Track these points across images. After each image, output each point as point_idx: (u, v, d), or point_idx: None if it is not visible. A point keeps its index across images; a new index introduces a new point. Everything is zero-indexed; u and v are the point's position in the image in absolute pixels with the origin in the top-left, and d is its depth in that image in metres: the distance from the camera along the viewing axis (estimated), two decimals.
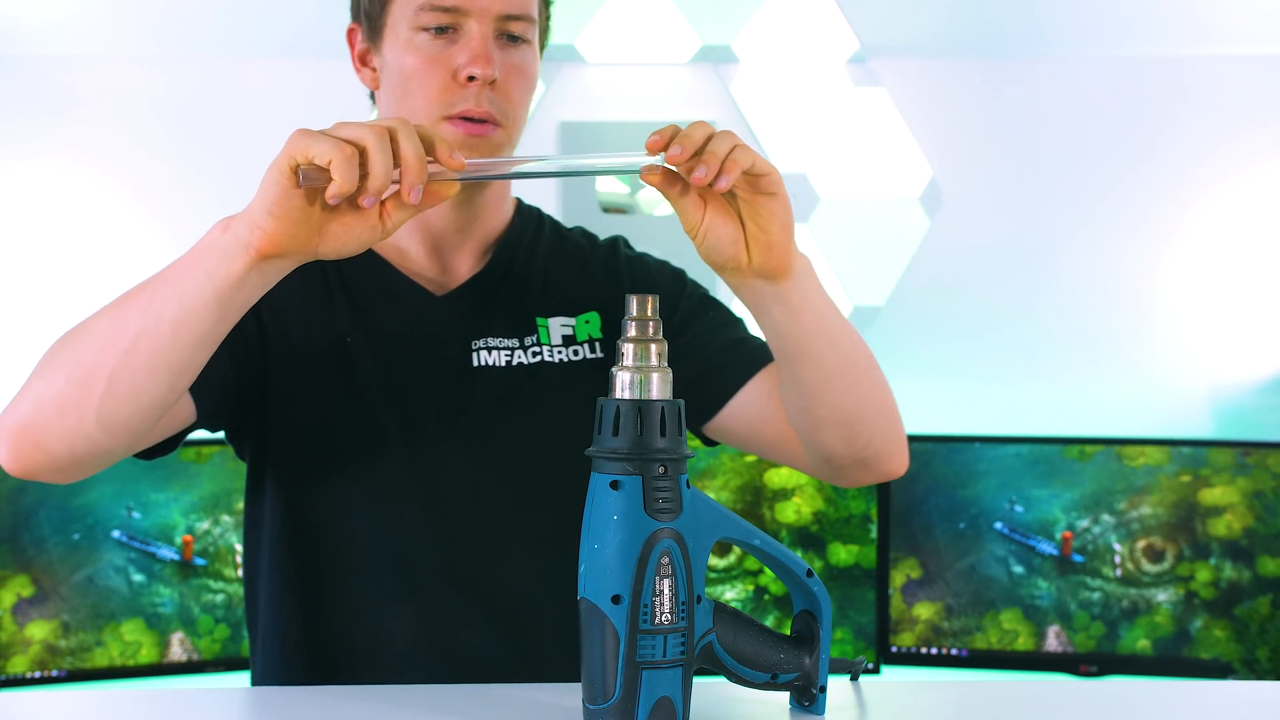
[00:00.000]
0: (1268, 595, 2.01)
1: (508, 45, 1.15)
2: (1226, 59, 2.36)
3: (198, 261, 0.95)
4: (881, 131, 2.41)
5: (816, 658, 0.91)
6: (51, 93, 2.30)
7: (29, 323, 2.30)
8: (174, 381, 0.98)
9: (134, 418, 0.99)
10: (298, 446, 1.19)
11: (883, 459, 1.14)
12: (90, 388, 0.97)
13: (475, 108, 1.13)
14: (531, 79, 1.18)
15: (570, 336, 1.23)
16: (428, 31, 1.13)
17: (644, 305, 0.85)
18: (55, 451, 1.00)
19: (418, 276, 1.22)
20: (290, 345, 1.18)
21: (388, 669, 1.16)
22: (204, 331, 0.96)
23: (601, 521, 0.82)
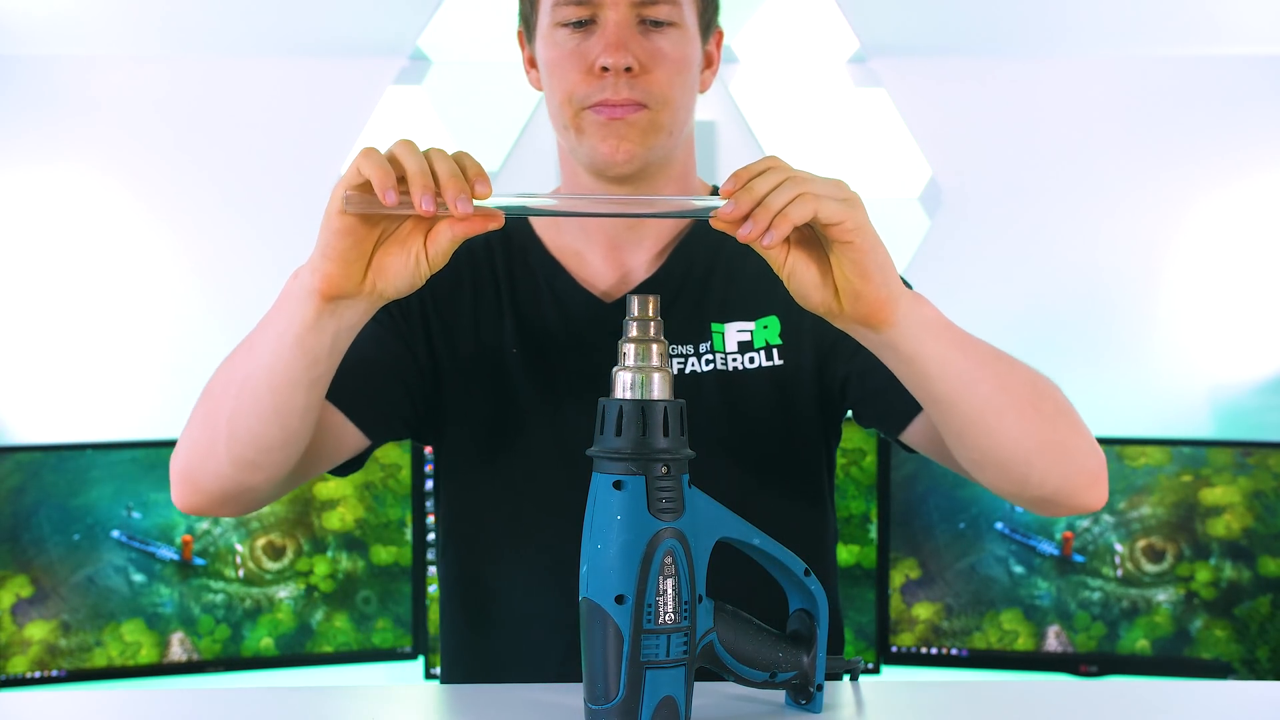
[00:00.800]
0: (1268, 595, 2.00)
1: (651, 30, 1.12)
2: (1227, 59, 2.36)
3: (280, 309, 0.98)
4: (881, 131, 2.41)
5: (814, 656, 0.91)
6: (52, 93, 2.29)
7: (29, 323, 2.30)
8: (284, 423, 1.01)
9: (260, 457, 1.03)
10: (465, 461, 1.21)
11: (1065, 496, 1.05)
12: (217, 432, 1.03)
13: (613, 96, 1.11)
14: (681, 61, 1.14)
15: (747, 343, 1.19)
16: (566, 26, 1.13)
17: (645, 305, 0.85)
18: (211, 491, 1.05)
19: (590, 282, 1.20)
20: (458, 362, 1.19)
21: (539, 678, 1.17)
22: (295, 376, 0.98)
23: (604, 522, 0.82)
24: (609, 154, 1.13)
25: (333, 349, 0.98)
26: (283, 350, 0.97)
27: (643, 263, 1.21)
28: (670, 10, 1.13)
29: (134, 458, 1.96)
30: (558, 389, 1.18)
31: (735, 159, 2.39)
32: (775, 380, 1.18)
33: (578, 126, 1.14)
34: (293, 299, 0.96)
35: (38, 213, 2.30)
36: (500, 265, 1.22)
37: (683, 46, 1.14)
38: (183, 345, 2.31)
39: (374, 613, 2.04)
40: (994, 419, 1.01)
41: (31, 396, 2.29)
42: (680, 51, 1.14)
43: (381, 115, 2.36)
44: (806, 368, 1.19)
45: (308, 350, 0.96)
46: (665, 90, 1.13)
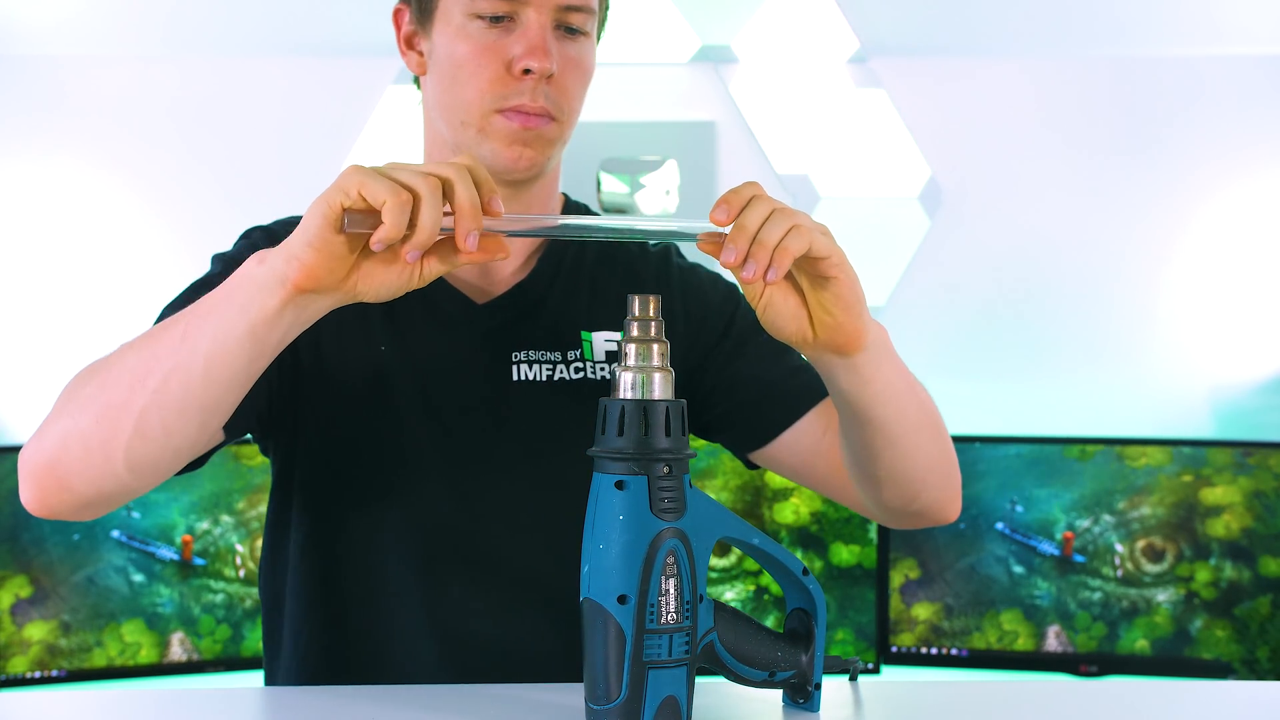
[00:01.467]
0: (1268, 595, 2.00)
1: (565, 37, 1.10)
2: (1227, 59, 2.36)
3: (232, 296, 0.89)
4: (881, 131, 2.41)
5: (812, 655, 0.92)
6: (53, 93, 2.30)
7: (29, 323, 2.30)
8: (205, 421, 0.94)
9: (163, 459, 0.95)
10: (328, 460, 1.14)
11: (934, 510, 1.12)
12: (119, 427, 0.92)
13: (530, 102, 1.08)
14: (588, 72, 1.14)
15: (614, 352, 1.18)
16: (483, 19, 1.08)
17: (645, 305, 0.85)
18: (81, 492, 0.95)
19: (460, 282, 1.17)
20: (323, 358, 1.14)
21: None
22: (238, 369, 0.91)
23: (606, 522, 0.82)
24: (511, 161, 1.10)
25: (280, 344, 0.91)
26: (230, 341, 0.89)
27: (511, 265, 1.19)
28: (586, 19, 1.11)
29: None
30: (428, 391, 1.14)
31: (735, 159, 2.39)
32: None
33: (482, 127, 1.10)
34: (253, 285, 0.88)
35: (38, 212, 2.30)
36: None
37: (590, 57, 1.14)
38: None
39: None
40: (914, 437, 1.05)
41: (31, 396, 2.29)
42: (589, 63, 1.14)
43: (381, 115, 2.36)
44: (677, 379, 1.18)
45: (259, 341, 0.89)
46: (572, 100, 1.12)
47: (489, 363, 1.15)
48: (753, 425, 1.18)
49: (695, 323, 1.21)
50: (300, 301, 0.88)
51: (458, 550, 1.13)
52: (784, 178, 2.40)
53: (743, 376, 1.17)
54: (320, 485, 1.15)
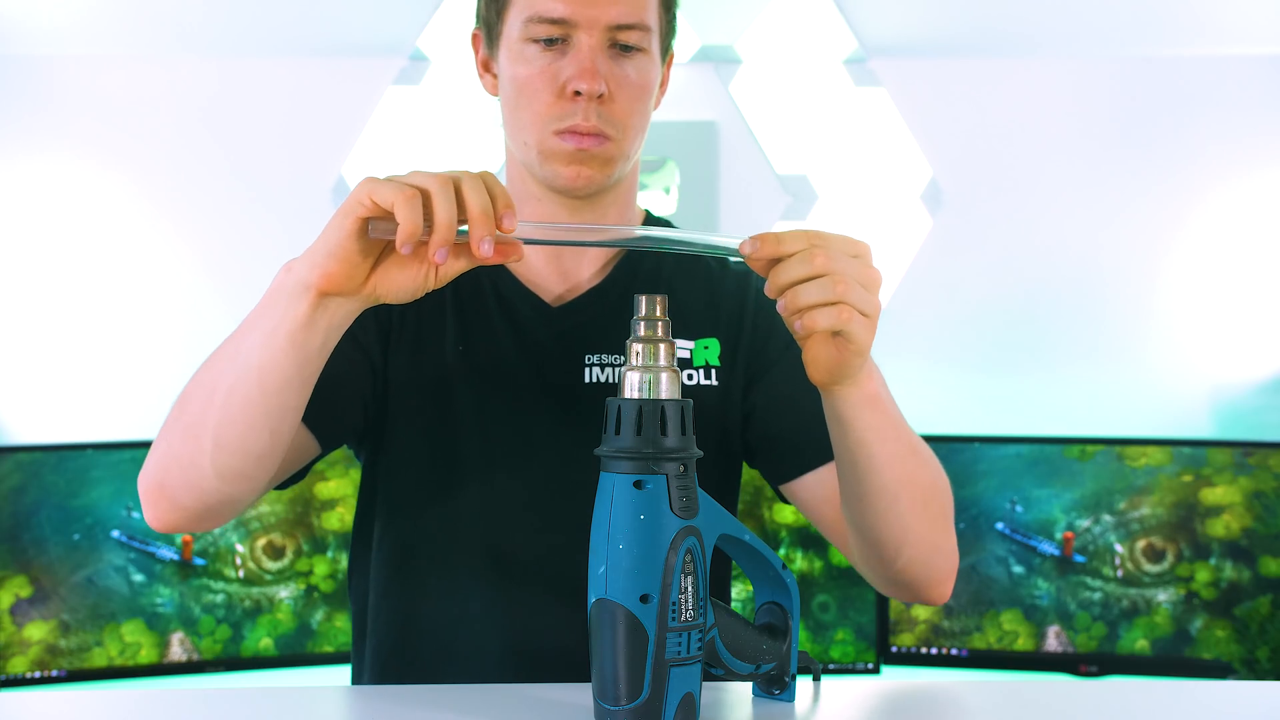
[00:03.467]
0: (1268, 595, 2.00)
1: (620, 56, 1.12)
2: (1226, 59, 2.36)
3: (268, 307, 0.95)
4: (881, 131, 2.41)
5: (789, 647, 0.93)
6: (53, 93, 2.30)
7: (29, 323, 2.30)
8: (274, 428, 0.99)
9: (248, 467, 1.00)
10: (406, 457, 1.19)
11: (917, 588, 1.11)
12: (201, 443, 0.99)
13: (583, 123, 1.11)
14: (645, 89, 1.15)
15: (686, 360, 1.20)
16: (537, 43, 1.12)
17: (653, 305, 0.85)
18: (189, 506, 1.02)
19: (536, 285, 1.20)
20: (402, 359, 1.18)
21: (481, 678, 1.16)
22: (288, 376, 0.96)
23: (626, 522, 0.82)
24: (570, 180, 1.13)
25: (323, 347, 0.96)
26: (274, 349, 0.94)
27: (588, 271, 1.21)
28: (641, 37, 1.12)
29: (134, 458, 1.96)
30: (502, 391, 1.17)
31: (735, 159, 2.39)
32: (710, 401, 1.19)
33: (542, 148, 1.13)
34: (284, 294, 0.94)
35: (38, 212, 2.30)
36: None
37: (647, 73, 1.15)
38: (183, 345, 2.31)
39: None
40: (890, 500, 1.04)
41: (31, 396, 2.29)
42: (644, 78, 1.14)
43: (381, 115, 2.36)
44: (736, 394, 1.21)
45: (300, 347, 0.94)
46: (626, 118, 1.13)
47: (562, 364, 1.18)
48: (778, 460, 1.19)
49: (760, 340, 1.22)
50: (327, 305, 0.93)
51: (525, 547, 1.16)
52: (784, 178, 2.40)
53: (785, 403, 1.18)
54: (398, 481, 1.19)
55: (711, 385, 1.20)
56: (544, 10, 1.10)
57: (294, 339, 0.94)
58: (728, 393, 1.21)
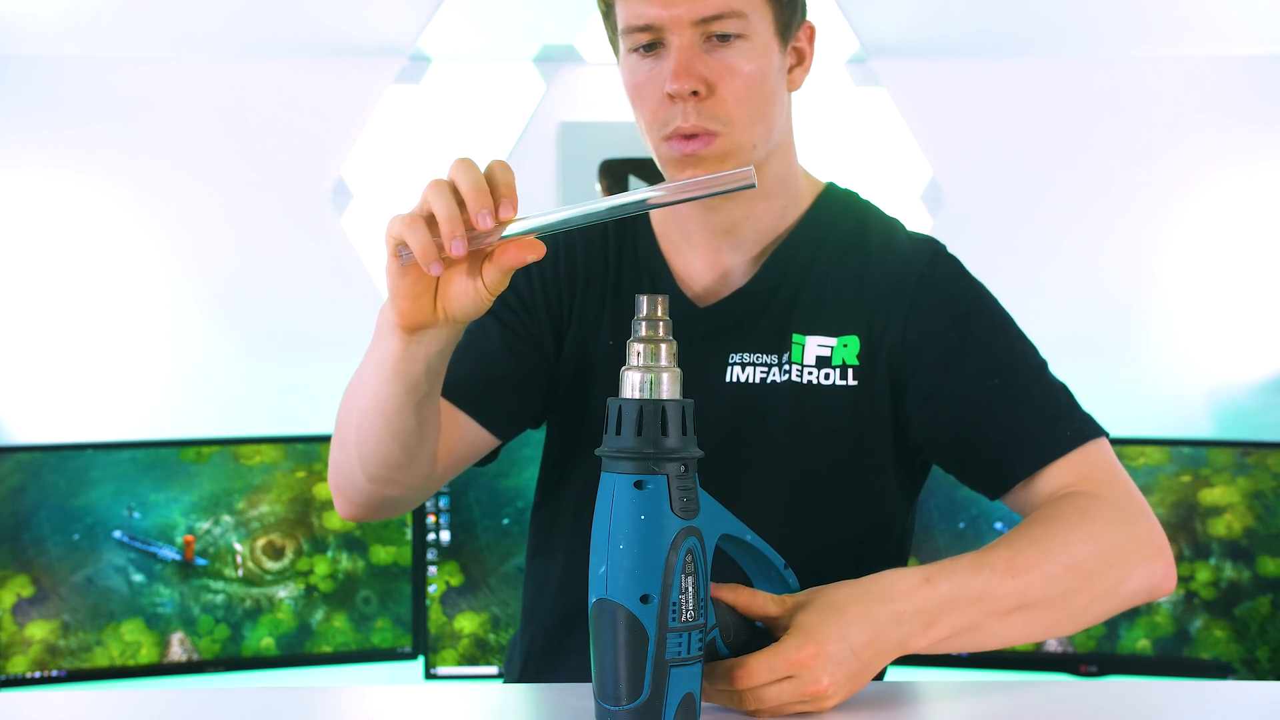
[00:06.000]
0: (1268, 595, 2.01)
1: (719, 47, 1.11)
2: (1226, 59, 2.36)
3: (376, 342, 1.03)
4: (881, 131, 2.41)
5: None
6: (52, 93, 2.29)
7: (29, 323, 2.30)
8: (403, 443, 1.07)
9: (391, 473, 1.10)
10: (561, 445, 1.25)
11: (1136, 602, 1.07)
12: (350, 455, 1.11)
13: (684, 124, 1.11)
14: (754, 76, 1.12)
15: (825, 358, 1.17)
16: (638, 51, 1.13)
17: (654, 305, 0.85)
18: (361, 502, 1.15)
19: (687, 282, 1.22)
20: (569, 355, 1.22)
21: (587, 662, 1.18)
22: (401, 401, 1.03)
23: (626, 522, 0.82)
24: None
25: (429, 372, 1.02)
26: (383, 380, 1.02)
27: (740, 265, 1.21)
28: (738, 23, 1.10)
29: (134, 458, 1.96)
30: None
31: None
32: (847, 401, 1.16)
33: (659, 155, 1.15)
34: (383, 332, 1.00)
35: (38, 213, 2.30)
36: (612, 254, 1.24)
37: (754, 59, 1.12)
38: (183, 345, 2.32)
39: (374, 613, 2.04)
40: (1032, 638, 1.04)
41: (31, 396, 2.29)
42: (752, 65, 1.12)
43: (381, 115, 2.36)
44: (880, 396, 1.16)
45: (404, 377, 1.01)
46: (733, 111, 1.11)
47: (705, 363, 1.18)
48: (987, 478, 1.15)
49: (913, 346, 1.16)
50: (415, 339, 0.98)
51: None
52: None
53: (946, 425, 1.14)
54: (550, 466, 1.26)
55: (849, 386, 1.16)
56: (632, 19, 1.11)
57: (397, 370, 1.00)
58: (870, 394, 1.16)
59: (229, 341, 2.30)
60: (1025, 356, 1.17)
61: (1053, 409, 1.14)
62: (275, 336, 2.30)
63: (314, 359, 2.26)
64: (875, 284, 1.18)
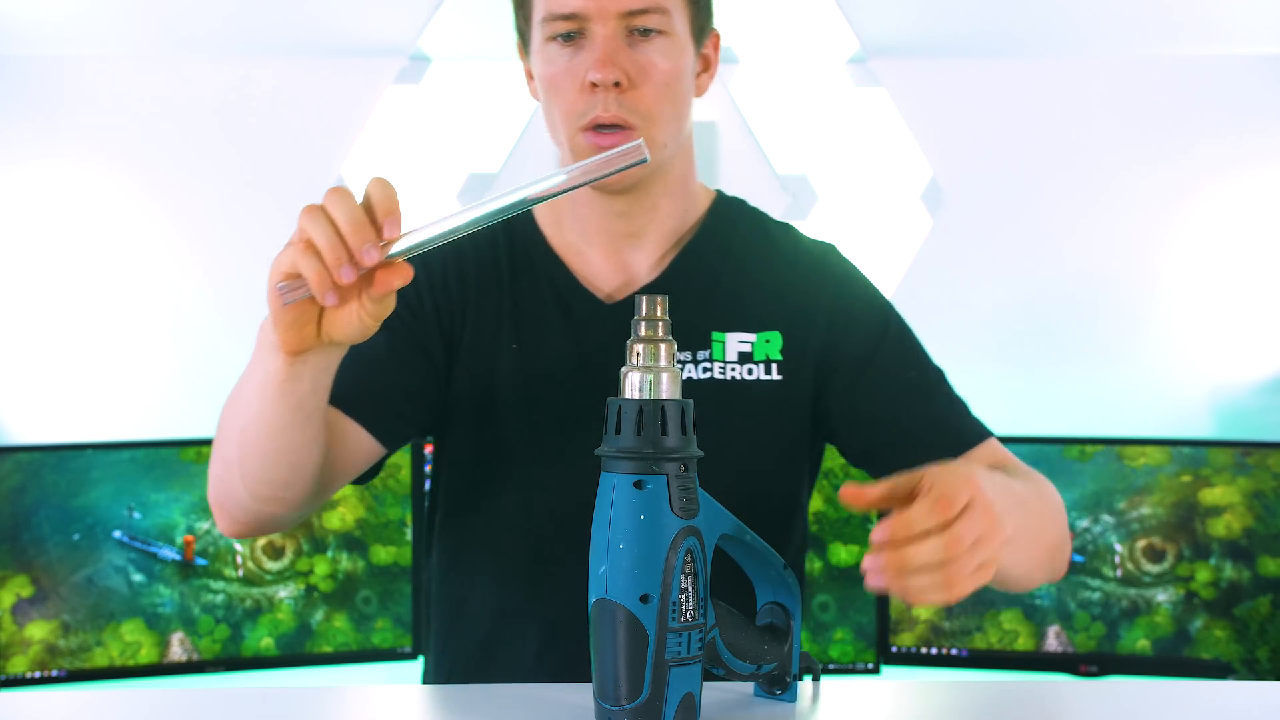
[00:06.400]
0: (1268, 595, 2.00)
1: (640, 41, 1.11)
2: (1226, 59, 2.36)
3: (257, 360, 0.99)
4: (881, 131, 2.41)
5: (790, 647, 0.93)
6: (52, 93, 2.30)
7: (29, 323, 2.30)
8: (290, 460, 1.03)
9: (276, 491, 1.06)
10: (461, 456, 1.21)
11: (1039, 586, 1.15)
12: (233, 473, 1.06)
13: (603, 113, 1.10)
14: (673, 74, 1.12)
15: (747, 354, 1.18)
16: (557, 40, 1.12)
17: (653, 305, 0.85)
18: (241, 519, 1.09)
19: (592, 282, 1.20)
20: (462, 359, 1.19)
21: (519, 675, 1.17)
22: (285, 420, 0.99)
23: (626, 522, 0.82)
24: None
25: (314, 390, 0.99)
26: (267, 399, 0.99)
27: (646, 264, 1.21)
28: (660, 19, 1.11)
29: (134, 458, 1.96)
30: (550, 390, 1.17)
31: (735, 159, 2.39)
32: (772, 396, 1.18)
33: (573, 147, 1.14)
34: (265, 351, 0.97)
35: (37, 213, 2.30)
36: (504, 262, 1.21)
37: (673, 57, 1.12)
38: (183, 345, 2.31)
39: (374, 613, 2.04)
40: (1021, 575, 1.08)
41: (31, 396, 2.29)
42: (671, 62, 1.12)
43: (381, 115, 2.36)
44: (804, 389, 1.19)
45: (289, 396, 0.98)
46: (652, 106, 1.11)
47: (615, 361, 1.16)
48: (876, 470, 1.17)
49: (837, 337, 1.19)
50: (299, 360, 0.95)
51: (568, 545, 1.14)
52: (784, 178, 2.40)
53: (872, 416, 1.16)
54: (454, 477, 1.22)
55: (773, 380, 1.18)
56: (555, 7, 1.11)
57: (282, 389, 0.97)
58: (795, 388, 1.18)
59: (229, 341, 2.29)
60: (929, 355, 1.22)
61: (961, 404, 1.19)
62: None
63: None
64: (793, 282, 1.20)
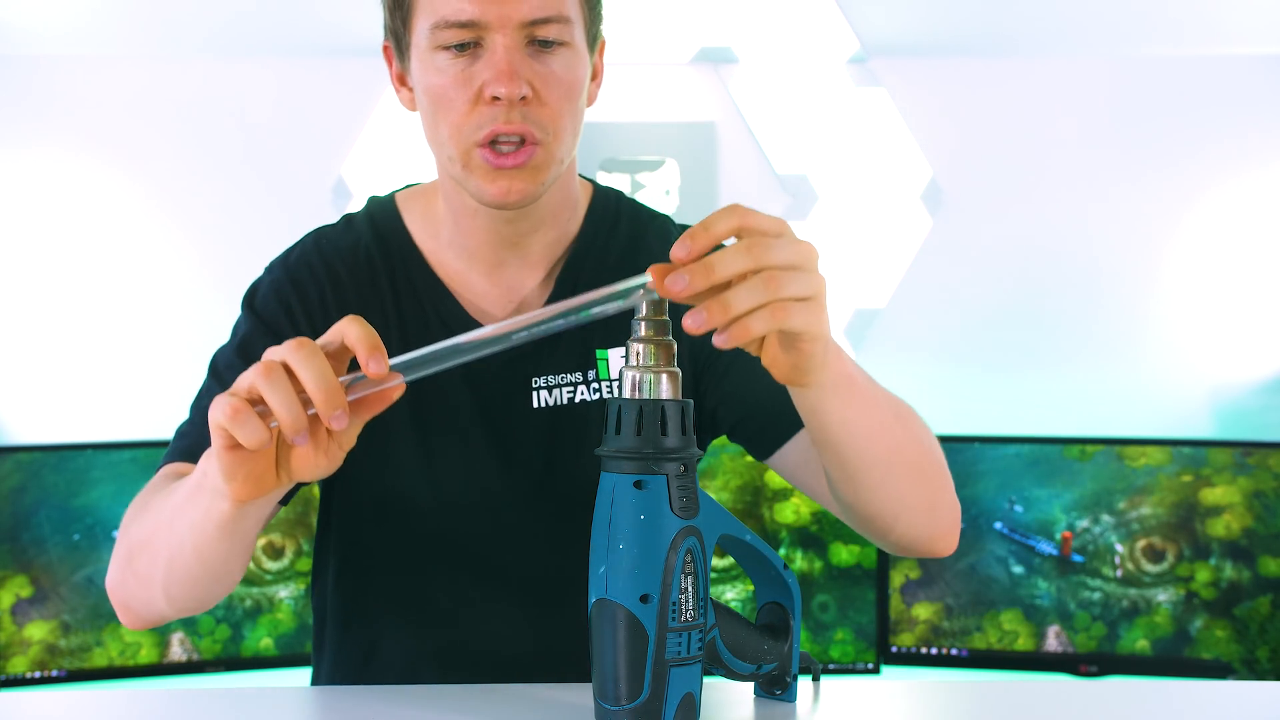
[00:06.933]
0: (1268, 595, 2.00)
1: (541, 52, 1.04)
2: (1226, 59, 2.36)
3: (195, 496, 0.92)
4: (881, 131, 2.41)
5: (790, 647, 0.93)
6: (52, 92, 2.30)
7: (29, 323, 2.30)
8: (219, 576, 0.98)
9: (201, 603, 1.02)
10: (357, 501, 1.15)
11: (916, 545, 1.06)
12: (153, 591, 1.00)
13: (505, 125, 1.03)
14: (574, 86, 1.07)
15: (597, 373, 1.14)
16: (448, 50, 1.04)
17: (653, 305, 0.85)
18: (145, 615, 1.03)
19: (478, 306, 1.14)
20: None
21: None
22: (224, 554, 0.94)
23: (626, 522, 0.82)
24: (499, 195, 1.06)
25: (258, 524, 0.95)
26: (206, 535, 0.92)
27: (532, 285, 1.15)
28: (561, 29, 1.05)
29: (134, 458, 1.96)
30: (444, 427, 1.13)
31: (735, 159, 2.39)
32: None
33: (465, 163, 1.06)
34: (206, 493, 0.89)
35: (39, 213, 2.30)
36: (385, 286, 1.15)
37: (574, 68, 1.07)
38: (183, 345, 2.31)
39: None
40: (880, 476, 0.99)
41: (31, 396, 2.29)
42: (572, 74, 1.07)
43: (381, 115, 2.36)
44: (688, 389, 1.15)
45: (230, 534, 0.92)
46: (557, 119, 1.06)
47: (506, 391, 1.12)
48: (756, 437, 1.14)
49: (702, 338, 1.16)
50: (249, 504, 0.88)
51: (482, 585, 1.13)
52: (784, 178, 2.40)
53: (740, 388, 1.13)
54: (350, 523, 1.16)
55: None
56: (450, 14, 1.02)
57: (223, 529, 0.91)
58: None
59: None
60: None
61: None
62: None
63: None
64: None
